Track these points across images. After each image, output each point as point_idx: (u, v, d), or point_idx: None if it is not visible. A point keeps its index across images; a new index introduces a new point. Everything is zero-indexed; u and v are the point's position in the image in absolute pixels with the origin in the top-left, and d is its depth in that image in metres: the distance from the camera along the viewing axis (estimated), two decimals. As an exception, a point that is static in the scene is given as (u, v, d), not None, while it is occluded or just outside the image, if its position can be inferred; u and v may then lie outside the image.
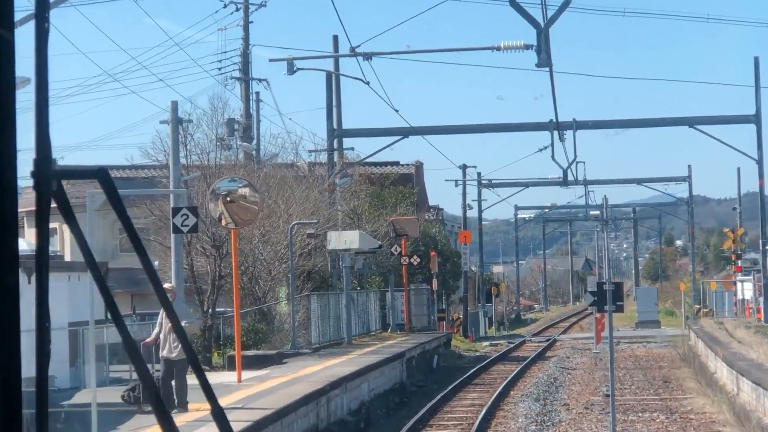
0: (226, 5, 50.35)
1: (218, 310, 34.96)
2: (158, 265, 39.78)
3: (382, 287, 48.09)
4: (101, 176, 2.20)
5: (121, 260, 46.19)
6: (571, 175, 45.64)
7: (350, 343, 37.31)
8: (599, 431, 25.08)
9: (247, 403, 19.83)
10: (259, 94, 47.49)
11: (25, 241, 31.01)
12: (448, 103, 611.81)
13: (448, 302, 59.73)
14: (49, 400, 2.10)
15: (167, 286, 19.73)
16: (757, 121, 42.04)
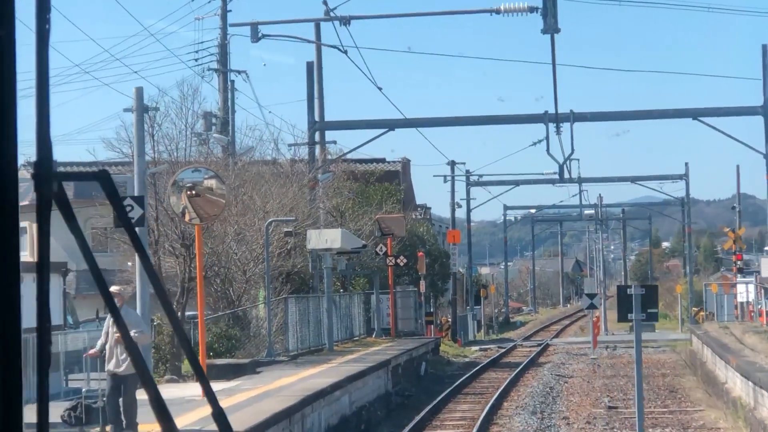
0: (202, -8, 47.82)
1: (190, 314, 32.53)
2: (121, 266, 37.32)
3: (366, 289, 45.60)
4: (102, 178, 2.26)
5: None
6: (566, 171, 43.03)
7: (332, 349, 34.74)
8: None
9: (206, 424, 17.25)
10: (234, 82, 44.81)
11: None
12: (447, 105, 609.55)
13: (436, 305, 57.17)
14: (49, 400, 2.12)
15: (113, 289, 17.09)
16: (764, 112, 39.58)
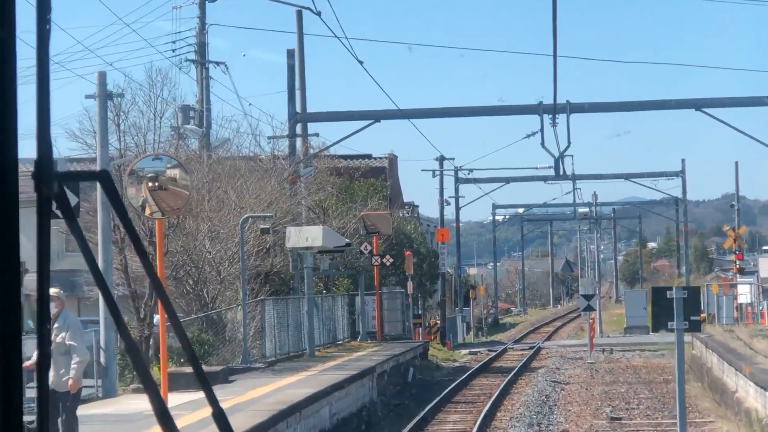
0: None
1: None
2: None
3: (351, 291, 43.36)
4: (102, 178, 2.26)
5: (67, 261, 42.72)
6: (561, 166, 40.63)
7: (312, 355, 32.46)
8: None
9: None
10: (208, 69, 42.55)
11: None
12: (446, 104, 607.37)
13: (424, 307, 54.89)
14: (49, 401, 2.12)
15: (53, 291, 14.76)
16: (772, 103, 37.45)
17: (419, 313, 49.88)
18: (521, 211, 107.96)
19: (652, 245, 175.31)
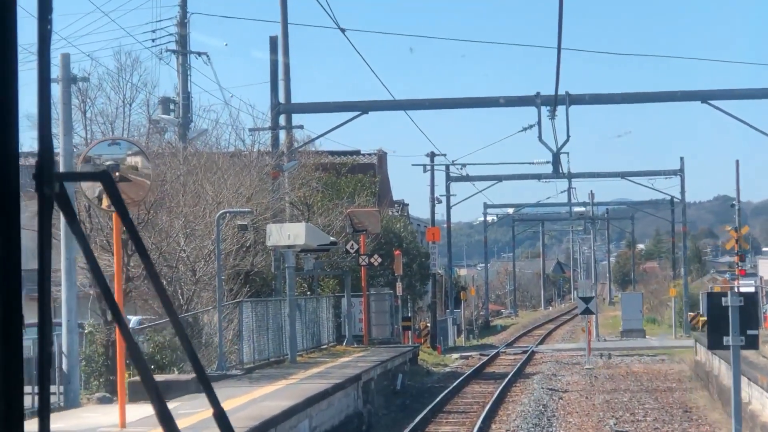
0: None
1: (129, 317, 28.18)
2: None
3: (336, 292, 41.29)
4: (103, 178, 2.27)
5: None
6: (559, 162, 38.53)
7: (294, 361, 30.36)
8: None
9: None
10: (188, 58, 40.47)
11: None
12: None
13: (414, 309, 52.79)
14: (50, 400, 2.06)
15: None
16: (781, 95, 35.48)
17: (408, 315, 47.79)
18: (511, 211, 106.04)
19: (640, 247, 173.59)
